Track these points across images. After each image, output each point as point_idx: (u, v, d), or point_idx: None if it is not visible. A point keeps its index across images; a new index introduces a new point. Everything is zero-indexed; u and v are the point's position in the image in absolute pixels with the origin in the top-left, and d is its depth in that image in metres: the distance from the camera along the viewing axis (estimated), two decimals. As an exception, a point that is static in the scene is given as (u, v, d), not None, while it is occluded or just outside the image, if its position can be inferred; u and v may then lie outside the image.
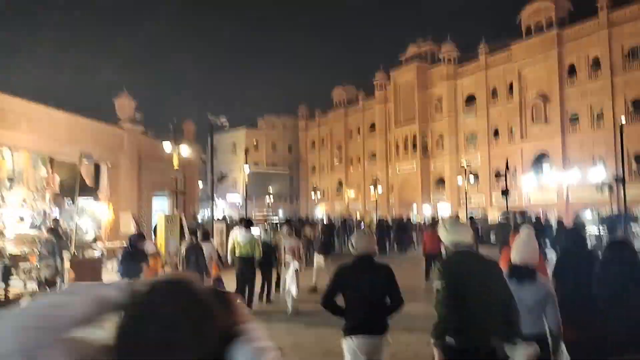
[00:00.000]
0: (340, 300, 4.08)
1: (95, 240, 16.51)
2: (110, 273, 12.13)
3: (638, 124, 35.06)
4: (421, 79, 54.20)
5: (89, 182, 16.21)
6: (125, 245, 7.88)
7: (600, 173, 36.84)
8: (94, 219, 17.53)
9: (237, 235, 9.85)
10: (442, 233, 3.62)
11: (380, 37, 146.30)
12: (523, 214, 27.60)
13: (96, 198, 17.13)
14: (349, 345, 3.90)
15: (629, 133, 34.65)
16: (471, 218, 21.69)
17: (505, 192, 28.26)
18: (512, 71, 44.20)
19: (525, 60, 42.76)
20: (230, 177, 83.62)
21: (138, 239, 7.32)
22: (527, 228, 4.22)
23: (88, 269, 11.44)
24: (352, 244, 4.22)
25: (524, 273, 3.72)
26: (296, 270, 9.54)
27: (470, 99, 49.65)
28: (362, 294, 3.92)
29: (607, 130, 37.05)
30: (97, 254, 13.40)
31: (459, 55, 51.24)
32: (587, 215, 35.19)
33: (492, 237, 26.69)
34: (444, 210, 43.42)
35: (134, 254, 7.25)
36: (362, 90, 66.42)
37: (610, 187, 32.71)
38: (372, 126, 63.69)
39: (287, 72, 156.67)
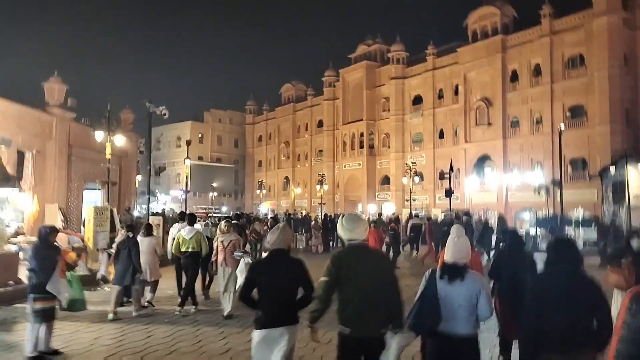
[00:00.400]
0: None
1: (16, 234, 15.19)
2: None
3: (574, 130, 36.38)
4: (370, 78, 54.41)
5: (10, 170, 14.87)
6: (36, 239, 7.01)
7: (538, 176, 38.13)
8: (17, 210, 16.15)
9: (181, 230, 9.56)
10: (339, 229, 3.88)
11: (331, 36, 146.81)
12: (467, 213, 27.99)
13: (20, 188, 15.77)
14: (257, 337, 3.96)
15: (566, 139, 35.98)
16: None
17: (448, 192, 28.51)
18: (458, 74, 45.00)
19: (471, 64, 43.63)
20: (174, 170, 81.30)
21: (49, 232, 6.50)
22: (456, 227, 4.01)
23: (1, 265, 10.34)
24: (267, 239, 4.29)
25: (453, 272, 3.68)
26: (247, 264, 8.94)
27: (417, 100, 50.24)
28: (274, 288, 3.96)
29: (546, 135, 38.34)
30: (14, 248, 12.20)
31: (408, 56, 51.75)
32: (525, 217, 36.34)
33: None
34: (389, 209, 43.65)
35: (45, 248, 6.42)
36: (311, 88, 66.09)
37: (548, 190, 33.84)
38: (320, 123, 63.46)
39: (236, 67, 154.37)
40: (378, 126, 54.26)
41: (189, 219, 9.64)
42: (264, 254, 12.93)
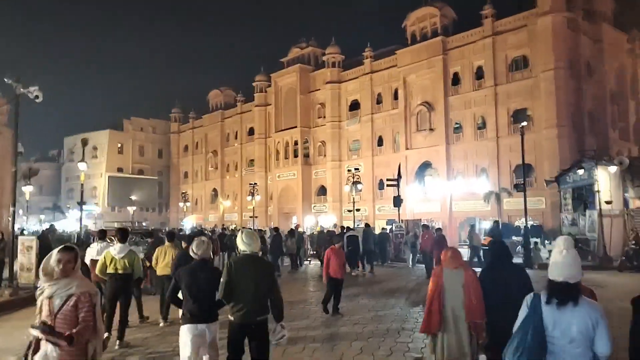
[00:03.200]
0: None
1: None
2: None
3: (519, 135, 34.70)
4: (304, 82, 51.24)
5: None
6: None
7: (483, 184, 36.23)
8: None
9: (109, 248, 8.35)
10: (239, 242, 4.90)
11: (262, 39, 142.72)
12: (421, 224, 25.19)
13: None
14: (183, 332, 4.82)
15: (511, 144, 34.35)
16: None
17: (397, 201, 25.60)
18: (397, 77, 42.72)
19: (410, 67, 41.45)
20: (90, 184, 74.05)
21: None
22: (565, 238, 3.37)
23: None
24: (192, 250, 5.11)
25: (564, 294, 3.18)
26: None
27: (355, 105, 47.58)
28: (197, 290, 4.84)
29: (490, 140, 36.62)
30: None
31: (344, 59, 49.11)
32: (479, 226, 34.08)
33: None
34: (328, 221, 40.29)
35: None
36: (241, 94, 62.00)
37: (498, 197, 31.78)
38: (251, 131, 59.48)
39: (160, 72, 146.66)
40: (313, 133, 51.07)
41: (121, 235, 8.35)
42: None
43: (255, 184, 42.52)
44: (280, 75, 53.92)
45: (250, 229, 9.33)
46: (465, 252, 17.88)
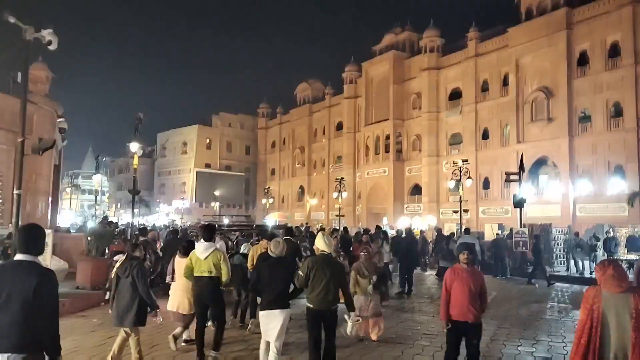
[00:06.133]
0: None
1: None
2: None
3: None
4: (397, 70, 46.64)
5: None
6: None
7: (618, 184, 29.80)
8: None
9: (195, 248, 7.22)
10: (319, 242, 6.04)
11: (353, 28, 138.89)
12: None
13: None
14: (263, 315, 5.82)
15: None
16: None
17: (519, 201, 20.48)
18: (508, 60, 36.94)
19: (525, 46, 35.54)
20: (180, 179, 74.32)
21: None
22: None
23: None
24: (270, 249, 6.11)
25: None
26: None
27: (455, 94, 42.22)
28: (274, 282, 5.85)
29: (629, 131, 30.02)
30: None
31: (444, 43, 43.92)
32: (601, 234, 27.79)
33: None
34: (424, 223, 35.49)
35: None
36: (329, 86, 58.59)
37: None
38: (339, 126, 55.80)
39: (248, 67, 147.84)
40: (407, 126, 46.31)
41: (206, 232, 7.22)
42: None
43: (342, 178, 38.58)
44: (371, 64, 49.73)
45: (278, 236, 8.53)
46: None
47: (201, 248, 7.00)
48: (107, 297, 8.02)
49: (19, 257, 3.36)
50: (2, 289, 3.20)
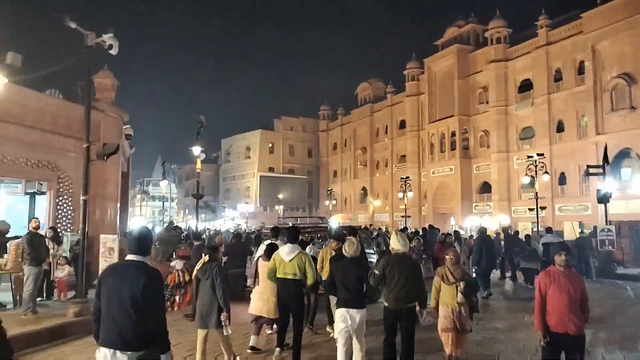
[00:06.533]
0: None
1: None
2: None
3: None
4: (462, 64, 44.90)
5: None
6: None
7: None
8: None
9: (280, 250, 7.20)
10: (394, 242, 6.13)
11: (413, 24, 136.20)
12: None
13: None
14: (340, 314, 5.84)
15: None
16: None
17: (604, 197, 18.81)
18: (584, 46, 34.51)
19: (602, 31, 33.02)
20: (244, 184, 75.46)
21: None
22: None
23: None
24: (345, 249, 6.13)
25: None
26: None
27: (525, 86, 40.02)
28: (349, 281, 5.89)
29: None
30: None
31: (511, 34, 41.83)
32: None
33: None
34: (495, 223, 33.74)
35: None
36: (391, 85, 57.52)
37: None
38: (402, 124, 54.56)
39: (309, 70, 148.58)
40: (473, 122, 44.47)
41: (291, 234, 7.22)
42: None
43: (407, 177, 37.51)
44: (434, 60, 48.23)
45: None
46: None
47: (286, 250, 6.98)
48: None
49: (129, 257, 3.57)
50: (115, 288, 3.42)
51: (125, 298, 3.34)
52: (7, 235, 10.24)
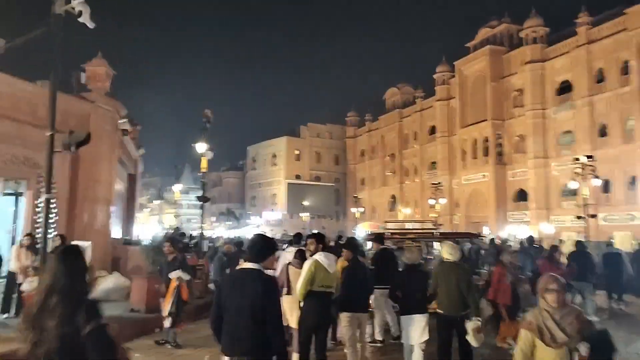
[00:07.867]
0: None
1: None
2: None
3: None
4: (495, 67, 42.94)
5: None
6: None
7: None
8: None
9: (319, 258, 6.13)
10: (443, 251, 6.33)
11: (444, 25, 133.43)
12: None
13: None
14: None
15: None
16: None
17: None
18: (628, 44, 32.34)
19: (649, 27, 30.84)
20: (270, 191, 74.42)
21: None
22: None
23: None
24: (406, 256, 6.86)
25: None
26: None
27: (565, 88, 37.85)
28: (411, 288, 6.30)
29: None
30: None
31: (547, 33, 39.73)
32: None
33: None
34: (533, 232, 31.61)
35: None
36: (420, 89, 55.75)
37: None
38: (432, 130, 52.69)
39: (336, 75, 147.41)
40: (508, 127, 42.38)
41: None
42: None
43: (438, 183, 35.68)
44: (465, 62, 46.37)
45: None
46: None
47: (329, 259, 6.07)
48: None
49: (246, 265, 3.60)
50: (235, 296, 3.44)
51: (244, 307, 3.38)
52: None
